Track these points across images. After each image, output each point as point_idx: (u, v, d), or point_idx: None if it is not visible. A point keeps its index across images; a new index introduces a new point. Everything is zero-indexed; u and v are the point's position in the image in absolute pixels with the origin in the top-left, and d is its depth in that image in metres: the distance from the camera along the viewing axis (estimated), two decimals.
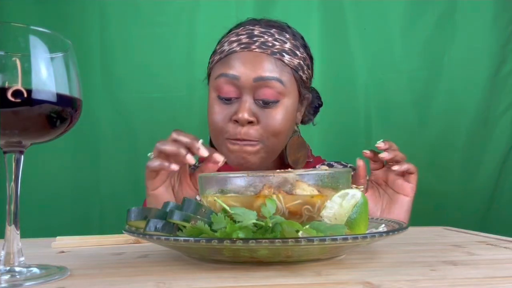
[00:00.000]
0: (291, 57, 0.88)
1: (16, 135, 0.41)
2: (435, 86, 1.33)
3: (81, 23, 1.29)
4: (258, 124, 0.86)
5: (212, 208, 0.51)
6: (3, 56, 0.39)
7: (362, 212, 0.48)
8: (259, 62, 0.85)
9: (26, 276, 0.41)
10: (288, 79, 0.87)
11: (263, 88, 0.85)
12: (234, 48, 0.88)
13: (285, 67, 0.87)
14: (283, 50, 0.88)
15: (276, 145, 0.90)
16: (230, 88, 0.86)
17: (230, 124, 0.87)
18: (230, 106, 0.87)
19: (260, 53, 0.86)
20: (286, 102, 0.87)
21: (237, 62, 0.86)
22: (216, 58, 0.91)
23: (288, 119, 0.89)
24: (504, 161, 1.31)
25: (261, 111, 0.86)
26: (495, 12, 1.31)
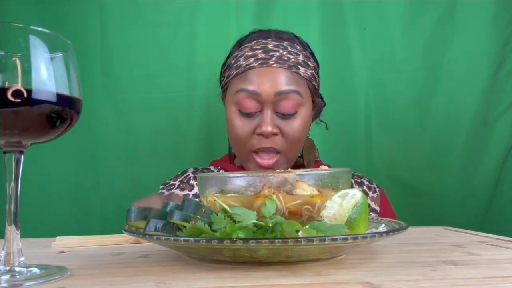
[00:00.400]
0: (305, 69, 0.93)
1: (16, 135, 0.41)
2: (435, 86, 1.33)
3: (81, 23, 1.29)
4: (280, 134, 0.91)
5: (212, 208, 0.51)
6: (3, 56, 0.39)
7: (362, 212, 0.48)
8: (278, 77, 0.90)
9: (26, 276, 0.41)
10: (304, 90, 0.92)
11: (283, 101, 0.89)
12: (252, 64, 0.91)
13: (301, 79, 0.92)
14: (297, 63, 0.92)
15: (295, 154, 0.96)
16: (251, 103, 0.90)
17: (254, 137, 0.91)
18: (251, 120, 0.92)
19: (278, 68, 0.90)
20: (303, 112, 0.93)
21: (256, 78, 0.90)
22: (232, 73, 0.94)
23: (306, 127, 0.95)
24: (504, 161, 1.31)
25: (281, 122, 0.91)
26: (495, 12, 1.31)
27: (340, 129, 1.34)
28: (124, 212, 0.51)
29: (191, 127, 1.31)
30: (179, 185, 1.01)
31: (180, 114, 1.32)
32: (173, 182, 1.02)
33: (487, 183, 1.31)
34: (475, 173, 1.31)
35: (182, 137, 1.31)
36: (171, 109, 1.32)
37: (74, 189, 1.28)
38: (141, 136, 1.31)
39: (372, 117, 1.34)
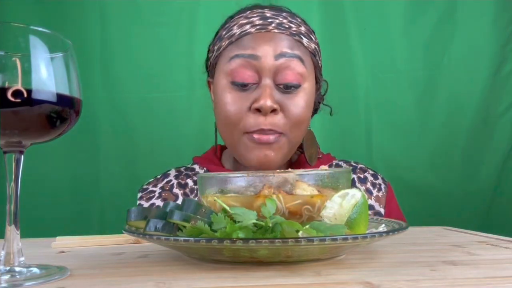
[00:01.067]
0: (308, 41, 0.81)
1: (16, 135, 0.41)
2: (435, 86, 1.33)
3: (81, 23, 1.29)
4: (281, 113, 0.77)
5: (212, 208, 0.51)
6: (3, 56, 0.39)
7: (362, 212, 0.48)
8: (279, 40, 0.76)
9: (26, 276, 0.41)
10: (308, 61, 0.80)
11: (285, 70, 0.76)
12: (247, 30, 0.78)
13: (305, 49, 0.80)
14: (300, 32, 0.80)
15: (298, 137, 0.81)
16: (248, 72, 0.76)
17: (250, 114, 0.76)
18: (247, 94, 0.76)
19: (278, 33, 0.77)
20: (307, 87, 0.79)
21: (253, 42, 0.76)
22: (224, 43, 0.80)
23: (310, 107, 0.81)
24: (504, 161, 1.31)
25: (283, 97, 0.77)
26: (495, 12, 1.31)
27: (340, 129, 1.35)
28: (124, 212, 0.51)
29: (190, 126, 1.31)
30: (160, 194, 0.87)
31: (180, 114, 1.32)
32: (153, 189, 0.88)
33: (488, 183, 1.31)
34: (476, 173, 1.31)
35: (181, 136, 1.31)
36: (171, 109, 1.32)
37: (74, 189, 1.29)
38: (140, 136, 1.31)
39: (372, 117, 1.35)
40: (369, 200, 0.88)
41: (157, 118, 1.32)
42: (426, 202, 1.31)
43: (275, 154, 0.78)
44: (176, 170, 0.93)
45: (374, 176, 0.92)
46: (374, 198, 0.88)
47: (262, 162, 0.78)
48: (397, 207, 0.94)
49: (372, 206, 0.87)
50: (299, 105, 0.78)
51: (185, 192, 0.88)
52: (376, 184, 0.90)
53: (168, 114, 1.32)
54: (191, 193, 0.88)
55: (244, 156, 0.80)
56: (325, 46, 1.34)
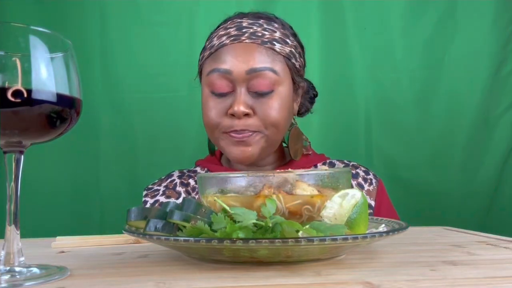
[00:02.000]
0: (282, 45, 0.87)
1: (16, 135, 0.41)
2: (435, 86, 1.33)
3: (81, 23, 1.29)
4: (255, 116, 0.85)
5: (212, 208, 0.51)
6: (3, 56, 0.39)
7: (362, 212, 0.48)
8: (250, 53, 0.84)
9: (26, 276, 0.41)
10: (281, 68, 0.86)
11: (256, 79, 0.84)
12: (223, 42, 0.86)
13: (276, 56, 0.86)
14: (273, 39, 0.87)
15: (276, 134, 0.88)
16: (223, 83, 0.85)
17: (226, 119, 0.85)
18: (224, 100, 0.86)
19: (250, 43, 0.85)
20: (281, 90, 0.86)
21: (228, 56, 0.85)
22: (206, 54, 0.90)
23: (285, 108, 0.87)
24: (504, 161, 1.31)
25: (256, 102, 0.85)
26: (495, 12, 1.31)
27: (340, 129, 1.35)
28: (124, 212, 0.51)
29: (191, 127, 1.31)
30: (164, 192, 0.95)
31: (180, 114, 1.32)
32: (157, 188, 0.96)
33: (488, 183, 1.31)
34: (476, 173, 1.31)
35: (182, 137, 1.31)
36: (171, 109, 1.32)
37: (74, 189, 1.29)
38: (141, 136, 1.31)
39: (372, 117, 1.35)
40: None
41: (157, 118, 1.32)
42: (426, 202, 1.31)
43: (252, 149, 0.86)
44: (179, 172, 1.00)
45: (365, 172, 0.97)
46: (365, 191, 0.93)
47: (241, 157, 0.86)
48: (388, 201, 0.97)
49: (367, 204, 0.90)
50: (272, 107, 0.85)
51: (187, 190, 0.95)
52: (367, 179, 0.95)
53: (168, 114, 1.32)
54: (192, 191, 0.95)
55: (226, 151, 0.89)
56: (325, 46, 1.35)
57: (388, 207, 0.96)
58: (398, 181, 1.31)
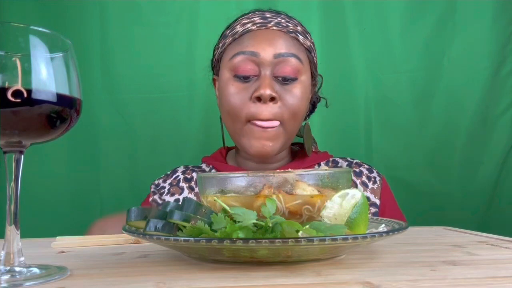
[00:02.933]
0: (304, 38, 0.89)
1: (16, 135, 0.41)
2: (435, 86, 1.33)
3: (81, 23, 1.29)
4: (279, 101, 0.84)
5: (212, 208, 0.51)
6: (3, 56, 0.39)
7: (362, 212, 0.48)
8: (277, 39, 0.84)
9: (26, 276, 0.41)
10: (304, 58, 0.87)
11: (282, 64, 0.83)
12: (249, 28, 0.86)
13: (300, 46, 0.87)
14: (296, 31, 0.88)
15: (294, 128, 0.88)
16: (248, 66, 0.83)
17: (251, 104, 0.83)
18: (248, 85, 0.84)
19: (277, 30, 0.86)
20: (304, 80, 0.87)
21: (254, 40, 0.84)
22: (228, 41, 0.88)
23: (306, 98, 0.88)
24: (504, 161, 1.31)
25: (281, 88, 0.84)
26: (495, 12, 1.31)
27: (340, 129, 1.35)
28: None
29: (191, 127, 1.31)
30: (169, 189, 0.95)
31: (180, 114, 1.32)
32: (163, 185, 0.96)
33: (487, 183, 1.31)
34: (475, 173, 1.31)
35: (182, 137, 1.31)
36: (171, 109, 1.32)
37: (74, 189, 1.28)
38: (141, 136, 1.31)
39: (372, 117, 1.35)
40: (365, 192, 0.92)
41: (158, 118, 1.32)
42: (426, 202, 1.31)
43: (273, 144, 0.85)
44: (184, 167, 1.00)
45: (369, 170, 0.96)
46: (370, 190, 0.93)
47: (260, 152, 0.85)
48: (392, 198, 0.96)
49: (367, 197, 0.91)
50: (296, 95, 0.85)
51: (190, 185, 0.95)
52: (371, 177, 0.95)
53: (168, 114, 1.32)
54: (196, 186, 0.95)
55: (245, 144, 0.86)
56: (325, 46, 1.34)
57: (393, 204, 0.96)
58: (398, 181, 1.31)
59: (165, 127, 1.32)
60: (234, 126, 0.87)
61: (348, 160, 0.99)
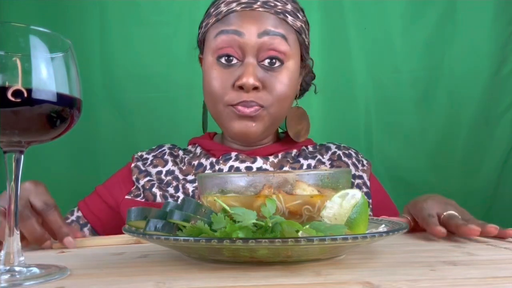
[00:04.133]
0: (294, 19, 0.84)
1: (16, 135, 0.41)
2: (435, 86, 1.33)
3: (81, 23, 1.29)
4: (264, 90, 0.81)
5: (212, 208, 0.51)
6: (3, 56, 0.39)
7: (362, 212, 0.48)
8: (263, 19, 0.80)
9: (26, 276, 0.41)
10: (292, 41, 0.83)
11: (268, 47, 0.79)
12: (233, 8, 0.81)
13: (289, 28, 0.82)
14: (285, 11, 0.83)
15: (280, 113, 0.85)
16: (232, 47, 0.80)
17: (232, 91, 0.80)
18: (231, 71, 0.81)
19: (263, 11, 0.81)
20: (291, 65, 0.83)
21: (238, 20, 0.80)
22: (211, 21, 0.84)
23: (293, 85, 0.84)
24: (504, 161, 1.31)
25: (266, 75, 0.81)
26: (495, 12, 1.31)
27: (340, 129, 1.35)
28: None
29: (191, 127, 1.31)
30: (152, 161, 0.91)
31: (180, 114, 1.32)
32: (147, 156, 0.93)
33: (488, 183, 1.31)
34: (476, 173, 1.31)
35: (181, 137, 1.31)
36: (171, 109, 1.32)
37: (74, 189, 1.28)
38: (141, 136, 1.31)
39: (372, 117, 1.35)
40: (357, 172, 0.92)
41: (157, 118, 1.32)
42: None
43: (256, 125, 0.82)
44: (172, 145, 0.99)
45: (356, 153, 0.97)
46: (360, 170, 0.92)
47: (243, 132, 0.83)
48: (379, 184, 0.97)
49: (360, 176, 0.91)
50: (282, 82, 0.81)
51: (174, 160, 0.92)
52: (360, 160, 0.95)
53: (168, 114, 1.32)
54: (180, 162, 0.92)
55: (227, 126, 0.84)
56: (325, 46, 1.34)
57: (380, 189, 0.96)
58: (398, 181, 1.31)
59: (165, 126, 1.32)
60: (214, 109, 0.85)
61: (335, 143, 0.98)
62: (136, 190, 0.88)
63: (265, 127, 0.84)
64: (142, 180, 0.88)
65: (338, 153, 0.94)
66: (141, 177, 0.88)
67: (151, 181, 0.87)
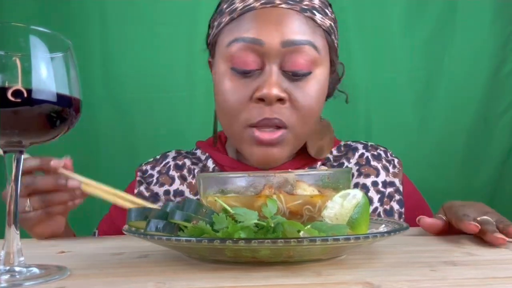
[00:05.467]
0: (322, 17, 0.71)
1: (16, 135, 0.41)
2: (435, 86, 1.33)
3: (81, 23, 1.29)
4: (288, 104, 0.69)
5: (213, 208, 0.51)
6: (3, 56, 0.39)
7: (364, 212, 0.48)
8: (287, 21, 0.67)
9: (26, 276, 0.41)
10: (321, 44, 0.70)
11: (294, 54, 0.67)
12: (251, 4, 0.68)
13: (317, 29, 0.70)
14: (313, 7, 0.70)
15: (305, 133, 0.73)
16: (250, 57, 0.67)
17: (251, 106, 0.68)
18: (249, 82, 0.68)
19: (287, 9, 0.67)
20: (320, 73, 0.71)
21: (257, 23, 0.67)
22: (224, 20, 0.71)
23: (321, 96, 0.73)
24: (504, 161, 1.31)
25: (291, 85, 0.68)
26: (495, 12, 1.31)
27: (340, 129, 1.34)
28: None
29: (191, 127, 1.31)
30: (158, 179, 0.82)
31: (180, 114, 1.32)
32: (151, 172, 0.84)
33: (488, 183, 1.31)
34: (476, 173, 1.31)
35: (182, 137, 1.31)
36: (171, 109, 1.32)
37: None
38: (141, 136, 1.31)
39: (372, 117, 1.34)
40: (388, 177, 0.83)
41: (158, 118, 1.32)
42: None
43: (279, 152, 0.72)
44: (176, 152, 0.88)
45: (385, 152, 0.88)
46: (392, 174, 0.84)
47: (265, 161, 0.73)
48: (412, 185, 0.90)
49: (392, 182, 0.83)
50: (309, 94, 0.69)
51: (182, 174, 0.83)
52: (390, 160, 0.86)
53: (168, 114, 1.32)
54: (188, 175, 0.83)
55: (245, 152, 0.74)
56: None
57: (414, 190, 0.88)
58: None
59: (165, 127, 1.32)
60: (230, 130, 0.73)
61: (362, 142, 0.89)
62: None
63: (290, 152, 0.74)
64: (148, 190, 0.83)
65: (366, 155, 0.84)
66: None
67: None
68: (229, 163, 0.81)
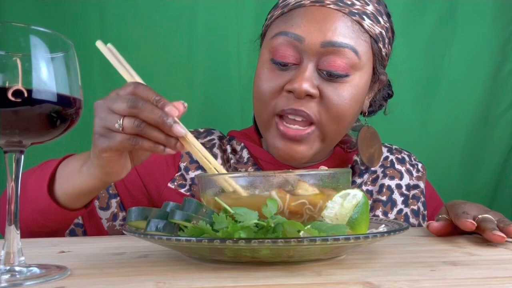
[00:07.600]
0: (372, 23, 0.71)
1: (17, 134, 0.41)
2: (435, 86, 1.33)
3: (81, 23, 1.29)
4: (319, 100, 0.69)
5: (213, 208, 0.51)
6: (3, 56, 0.39)
7: (364, 212, 0.48)
8: (332, 22, 0.68)
9: (26, 275, 0.41)
10: (364, 50, 0.70)
11: (332, 55, 0.68)
12: (302, 2, 0.70)
13: (363, 34, 0.70)
14: (364, 13, 0.70)
15: (336, 133, 0.73)
16: (288, 51, 0.69)
17: (282, 95, 0.70)
18: (285, 73, 0.70)
19: (335, 10, 0.69)
20: (358, 79, 0.70)
21: (302, 19, 0.68)
22: (276, 13, 0.74)
23: (357, 101, 0.72)
24: (504, 161, 1.31)
25: (324, 84, 0.69)
26: (495, 12, 1.31)
27: None
28: None
29: (190, 127, 1.31)
30: None
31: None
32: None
33: (488, 183, 1.31)
34: (476, 173, 1.31)
35: None
36: None
37: None
38: None
39: (372, 117, 1.34)
40: (411, 181, 0.85)
41: None
42: None
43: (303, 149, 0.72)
44: (221, 133, 0.88)
45: (409, 156, 0.91)
46: (415, 178, 0.86)
47: (288, 155, 0.72)
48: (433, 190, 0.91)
49: (416, 185, 0.85)
50: (342, 96, 0.69)
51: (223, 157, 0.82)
52: (414, 164, 0.89)
53: None
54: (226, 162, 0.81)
55: (269, 142, 0.74)
56: None
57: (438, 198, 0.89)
58: None
59: None
60: (261, 116, 0.74)
61: (387, 145, 0.90)
62: (180, 179, 0.77)
63: (315, 150, 0.73)
64: (192, 171, 0.77)
65: (390, 158, 0.87)
66: (191, 168, 0.78)
67: None
68: (264, 157, 0.81)
